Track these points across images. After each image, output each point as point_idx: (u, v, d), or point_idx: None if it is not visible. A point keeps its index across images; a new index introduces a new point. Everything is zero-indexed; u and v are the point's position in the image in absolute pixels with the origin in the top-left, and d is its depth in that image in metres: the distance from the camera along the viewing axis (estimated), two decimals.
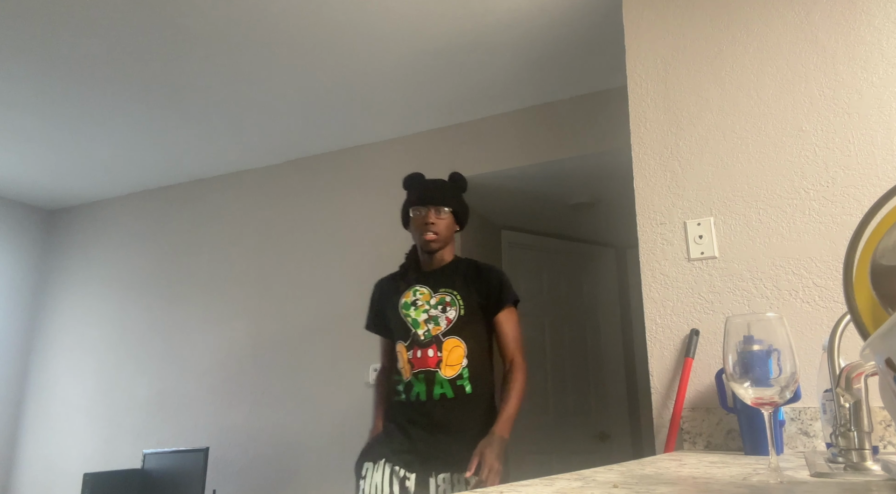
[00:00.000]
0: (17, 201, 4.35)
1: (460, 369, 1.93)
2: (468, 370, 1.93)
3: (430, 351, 1.93)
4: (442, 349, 1.93)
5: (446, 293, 2.00)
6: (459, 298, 1.98)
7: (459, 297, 1.98)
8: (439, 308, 1.98)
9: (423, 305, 2.00)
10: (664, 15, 2.01)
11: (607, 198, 3.59)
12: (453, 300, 1.98)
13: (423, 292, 2.02)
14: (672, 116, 1.93)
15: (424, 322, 1.97)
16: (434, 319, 1.97)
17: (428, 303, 1.99)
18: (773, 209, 1.73)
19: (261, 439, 3.32)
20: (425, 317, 1.98)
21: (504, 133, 3.18)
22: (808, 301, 1.64)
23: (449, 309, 1.97)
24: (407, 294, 2.03)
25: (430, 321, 1.97)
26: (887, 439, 1.43)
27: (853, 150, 1.68)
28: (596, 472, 0.94)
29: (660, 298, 1.81)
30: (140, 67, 2.77)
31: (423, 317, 1.98)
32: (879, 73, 1.70)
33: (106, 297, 4.11)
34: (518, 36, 2.58)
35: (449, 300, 1.99)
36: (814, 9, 1.81)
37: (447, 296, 2.00)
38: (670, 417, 1.69)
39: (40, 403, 4.13)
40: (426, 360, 1.93)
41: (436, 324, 1.96)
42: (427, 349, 1.94)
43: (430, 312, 1.98)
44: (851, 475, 0.88)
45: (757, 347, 0.74)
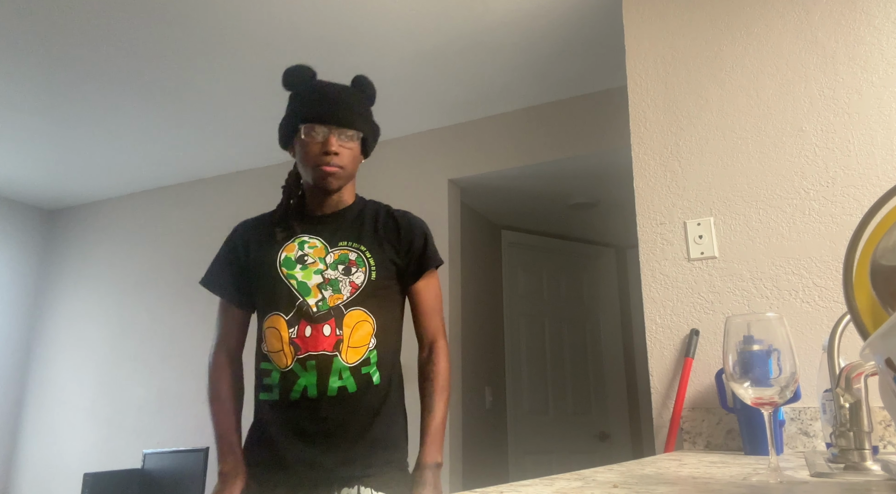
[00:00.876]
0: (17, 201, 4.35)
1: (366, 352, 1.39)
2: (376, 354, 1.40)
3: (325, 328, 1.37)
4: (342, 324, 1.38)
5: (350, 249, 1.44)
6: (368, 255, 1.44)
7: (368, 254, 1.44)
8: (340, 269, 1.42)
9: (316, 263, 1.42)
10: (664, 15, 2.01)
11: (607, 198, 3.59)
12: (360, 259, 1.43)
13: (314, 244, 1.44)
14: (672, 116, 1.93)
15: (317, 288, 1.39)
16: (333, 283, 1.40)
17: (322, 261, 1.43)
18: (773, 209, 1.73)
19: None
20: (319, 280, 1.40)
21: (504, 133, 3.18)
22: (808, 301, 1.64)
23: (354, 271, 1.42)
24: (289, 247, 1.44)
25: (325, 287, 1.40)
26: (887, 439, 1.43)
27: (853, 150, 1.68)
28: (596, 472, 0.94)
29: (660, 298, 1.81)
30: (140, 68, 2.76)
31: (315, 280, 1.40)
32: (879, 73, 1.70)
33: (106, 297, 4.11)
34: (518, 36, 2.58)
35: (354, 258, 1.43)
36: (814, 9, 1.81)
37: (351, 253, 1.44)
38: (670, 417, 1.69)
39: (40, 403, 4.13)
40: (318, 340, 1.36)
41: (335, 291, 1.39)
42: (321, 326, 1.37)
43: (325, 274, 1.41)
44: (851, 475, 0.88)
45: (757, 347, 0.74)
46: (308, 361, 1.35)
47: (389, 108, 3.14)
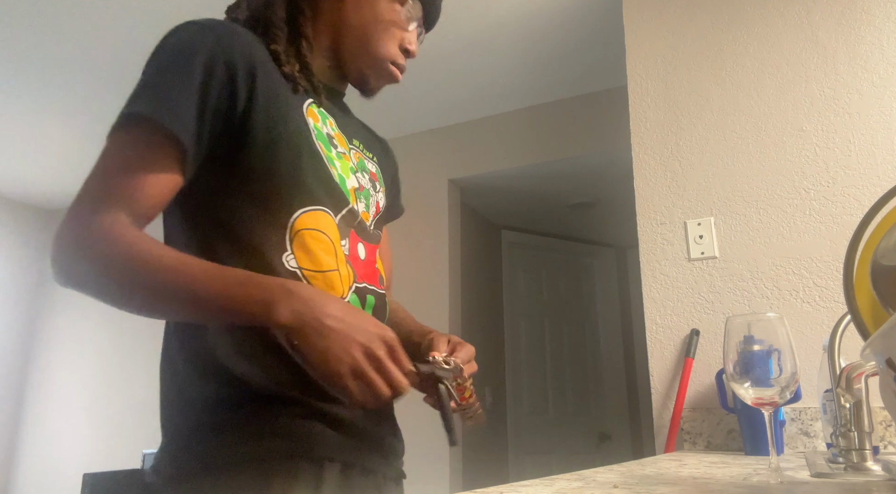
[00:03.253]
0: (17, 201, 4.35)
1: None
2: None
3: (375, 253, 0.98)
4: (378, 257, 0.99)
5: (365, 155, 1.05)
6: (381, 175, 1.08)
7: (381, 174, 1.08)
8: (367, 177, 1.01)
9: (346, 156, 0.97)
10: (664, 15, 2.01)
11: (607, 198, 3.59)
12: (378, 174, 1.07)
13: (333, 125, 0.98)
14: (672, 116, 1.93)
15: (355, 193, 0.95)
16: (366, 194, 0.98)
17: (350, 157, 0.99)
18: (773, 209, 1.73)
19: None
20: (354, 183, 0.96)
21: (504, 133, 3.18)
22: (809, 301, 1.64)
23: (377, 187, 1.04)
24: (312, 112, 0.93)
25: (360, 195, 0.97)
26: (888, 439, 1.43)
27: (853, 150, 1.68)
28: (596, 472, 0.94)
29: (660, 298, 1.81)
30: (140, 68, 2.76)
31: (352, 182, 0.95)
32: (880, 72, 1.70)
33: None
34: (518, 36, 2.57)
35: (374, 171, 1.05)
36: (814, 8, 1.81)
37: (369, 162, 1.05)
38: (670, 417, 1.69)
39: (40, 403, 4.13)
40: (372, 270, 0.95)
41: (366, 207, 0.98)
42: (375, 248, 0.98)
43: (358, 176, 0.98)
44: (852, 475, 0.88)
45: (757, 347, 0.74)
46: (367, 295, 0.91)
47: (389, 108, 3.14)
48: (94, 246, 0.76)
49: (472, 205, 3.57)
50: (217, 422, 0.78)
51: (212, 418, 0.78)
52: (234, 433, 0.77)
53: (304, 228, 0.85)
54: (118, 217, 0.78)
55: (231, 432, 0.77)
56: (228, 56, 0.84)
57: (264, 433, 0.77)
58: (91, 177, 0.81)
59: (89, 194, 0.79)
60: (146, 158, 0.81)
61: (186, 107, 0.81)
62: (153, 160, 0.81)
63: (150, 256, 0.76)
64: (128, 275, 0.76)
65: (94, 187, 0.80)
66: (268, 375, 0.78)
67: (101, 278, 0.77)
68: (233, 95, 0.83)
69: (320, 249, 0.85)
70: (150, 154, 0.81)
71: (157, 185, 0.81)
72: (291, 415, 0.78)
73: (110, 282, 0.78)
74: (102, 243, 0.76)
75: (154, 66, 0.85)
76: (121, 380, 3.88)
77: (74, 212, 0.78)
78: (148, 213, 0.81)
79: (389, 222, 1.15)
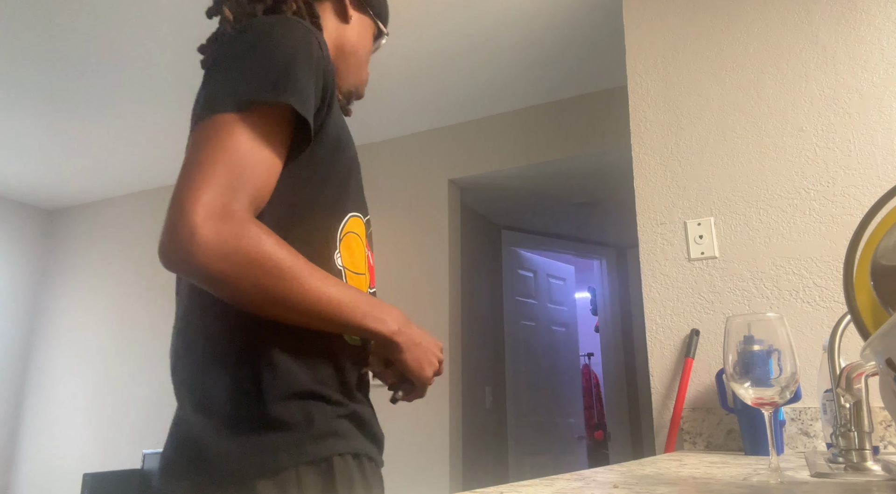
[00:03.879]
0: (17, 201, 4.35)
1: None
2: None
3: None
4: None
5: None
6: None
7: None
8: None
9: None
10: (664, 15, 2.01)
11: (607, 198, 3.59)
12: None
13: None
14: (672, 116, 1.93)
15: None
16: None
17: None
18: (773, 209, 1.73)
19: None
20: None
21: (504, 133, 3.18)
22: (809, 301, 1.64)
23: None
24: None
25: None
26: (888, 439, 1.43)
27: (853, 150, 1.68)
28: (596, 472, 0.94)
29: (660, 298, 1.81)
30: (140, 67, 2.76)
31: None
32: (880, 73, 1.70)
33: (106, 297, 4.11)
34: (518, 36, 2.57)
35: None
36: (814, 8, 1.81)
37: None
38: (670, 417, 1.69)
39: (40, 403, 4.13)
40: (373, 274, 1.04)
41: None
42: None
43: None
44: (852, 475, 0.88)
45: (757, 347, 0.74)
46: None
47: (390, 108, 3.14)
48: (241, 246, 0.73)
49: (472, 205, 3.57)
50: (278, 418, 0.77)
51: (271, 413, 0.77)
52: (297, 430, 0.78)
53: (350, 231, 0.93)
54: (250, 210, 0.77)
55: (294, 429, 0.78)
56: (327, 62, 0.88)
57: (323, 432, 0.80)
58: (215, 156, 0.76)
59: (219, 177, 0.75)
60: (278, 150, 0.82)
61: (311, 103, 0.83)
62: (281, 153, 0.83)
63: (299, 268, 0.77)
64: (277, 284, 0.76)
65: (225, 171, 0.76)
66: (315, 374, 0.82)
67: (244, 280, 0.74)
68: (324, 96, 0.87)
69: (358, 253, 0.94)
70: (281, 147, 0.82)
71: (276, 177, 0.82)
72: (335, 414, 0.82)
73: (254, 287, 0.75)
74: (252, 244, 0.74)
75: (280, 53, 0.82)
76: (121, 380, 3.88)
77: (205, 197, 0.73)
78: (263, 205, 0.81)
79: None
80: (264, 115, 0.80)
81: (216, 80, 0.83)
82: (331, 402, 0.82)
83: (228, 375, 0.79)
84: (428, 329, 3.09)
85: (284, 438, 0.77)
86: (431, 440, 2.93)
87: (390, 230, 3.27)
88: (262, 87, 0.79)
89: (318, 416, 0.80)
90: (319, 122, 0.86)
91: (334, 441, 0.80)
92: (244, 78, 0.81)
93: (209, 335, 0.82)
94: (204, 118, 0.79)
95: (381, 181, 3.40)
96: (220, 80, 0.82)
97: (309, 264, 0.79)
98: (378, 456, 0.88)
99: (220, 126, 0.78)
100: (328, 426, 0.80)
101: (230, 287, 0.75)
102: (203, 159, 0.76)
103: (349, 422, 0.83)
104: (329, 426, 0.80)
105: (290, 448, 0.77)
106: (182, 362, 0.84)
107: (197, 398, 0.80)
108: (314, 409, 0.80)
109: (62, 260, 4.37)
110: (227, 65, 0.83)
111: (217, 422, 0.77)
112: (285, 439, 0.77)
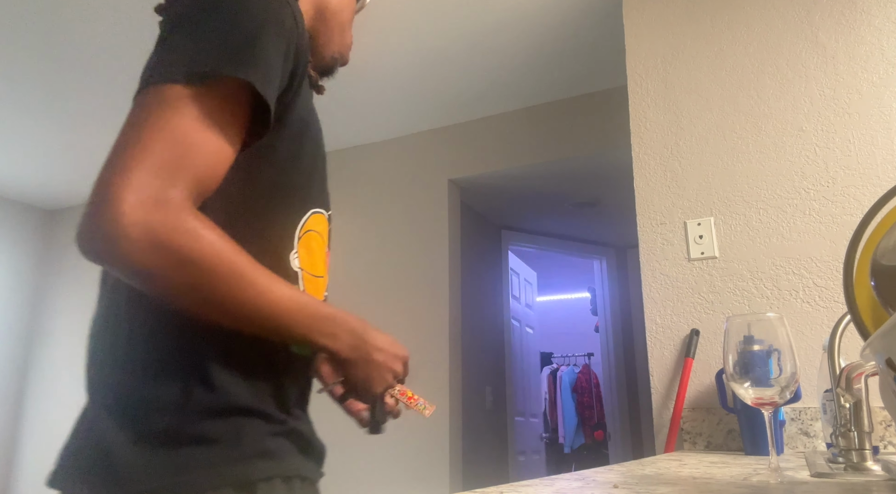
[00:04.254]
0: (17, 201, 4.35)
1: None
2: None
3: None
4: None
5: None
6: None
7: None
8: None
9: None
10: (664, 15, 2.01)
11: (607, 198, 3.59)
12: None
13: None
14: (672, 116, 1.93)
15: None
16: None
17: None
18: (773, 209, 1.73)
19: None
20: None
21: (504, 133, 3.18)
22: (809, 301, 1.64)
23: None
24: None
25: None
26: (887, 439, 1.43)
27: (853, 150, 1.68)
28: (596, 472, 0.94)
29: (660, 298, 1.81)
30: (140, 67, 2.76)
31: None
32: (880, 73, 1.70)
33: None
34: (518, 36, 2.57)
35: None
36: (814, 9, 1.81)
37: None
38: (670, 417, 1.69)
39: (40, 403, 4.13)
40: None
41: None
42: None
43: None
44: (852, 475, 0.88)
45: (757, 347, 0.74)
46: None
47: (390, 108, 3.14)
48: (174, 238, 0.64)
49: (472, 205, 3.57)
50: (203, 434, 0.69)
51: (195, 429, 0.69)
52: (222, 449, 0.69)
53: (311, 229, 0.83)
54: (189, 199, 0.67)
55: (219, 447, 0.69)
56: (300, 37, 0.76)
57: (252, 453, 0.71)
58: (154, 134, 0.66)
59: (156, 158, 0.65)
60: (231, 132, 0.71)
61: (276, 83, 0.72)
62: (235, 136, 0.71)
63: (242, 270, 0.68)
64: (215, 286, 0.67)
65: (164, 152, 0.65)
66: (253, 388, 0.73)
67: (175, 278, 0.65)
68: (293, 78, 0.76)
69: (318, 252, 0.84)
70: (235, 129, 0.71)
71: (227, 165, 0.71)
72: (270, 433, 0.74)
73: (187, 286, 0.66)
74: (187, 237, 0.64)
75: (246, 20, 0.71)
76: None
77: (136, 180, 0.63)
78: (207, 194, 0.71)
79: None
80: (219, 91, 0.69)
81: (168, 45, 0.72)
82: (269, 420, 0.74)
83: (153, 381, 0.70)
84: (427, 330, 3.10)
85: (207, 456, 0.68)
86: (431, 440, 2.93)
87: (390, 230, 3.27)
88: (220, 58, 0.69)
89: (250, 434, 0.71)
90: (285, 105, 0.76)
91: (263, 463, 0.71)
92: (200, 45, 0.70)
93: (133, 335, 0.72)
94: (147, 87, 0.69)
95: (381, 181, 3.40)
96: (173, 45, 0.72)
97: (255, 265, 0.70)
98: (315, 473, 0.81)
99: (164, 99, 0.67)
100: (259, 445, 0.72)
101: (159, 285, 0.66)
102: (139, 136, 0.66)
103: (286, 441, 0.75)
104: (260, 445, 0.72)
105: (211, 469, 0.67)
106: (99, 361, 0.75)
107: (111, 402, 0.71)
108: (247, 426, 0.71)
109: (62, 260, 4.37)
110: (184, 28, 0.72)
111: (132, 433, 0.68)
112: (207, 457, 0.68)
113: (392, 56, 2.70)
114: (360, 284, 3.24)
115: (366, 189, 3.45)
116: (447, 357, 2.99)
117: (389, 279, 3.21)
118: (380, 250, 3.27)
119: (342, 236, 3.43)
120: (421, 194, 3.26)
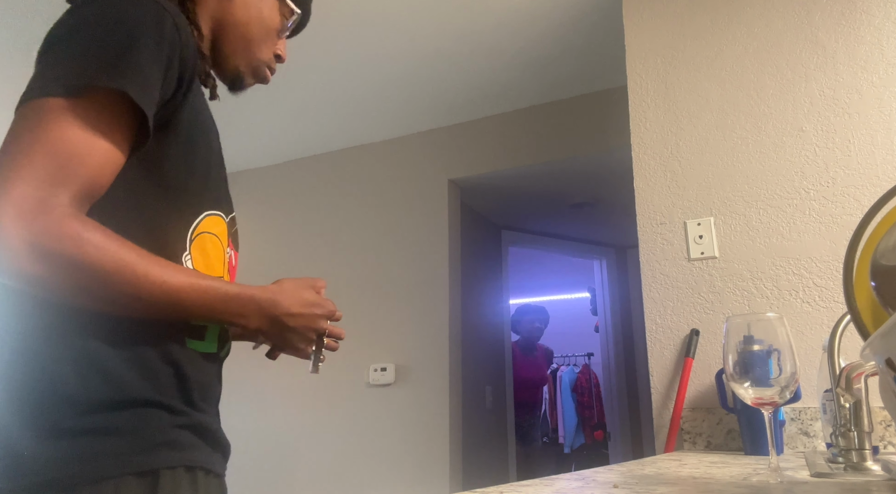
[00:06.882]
0: None
1: None
2: None
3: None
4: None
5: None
6: None
7: None
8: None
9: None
10: (664, 15, 2.01)
11: (607, 198, 3.59)
12: None
13: None
14: (672, 115, 1.93)
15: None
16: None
17: None
18: (773, 209, 1.73)
19: (258, 439, 3.32)
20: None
21: (504, 133, 3.18)
22: (809, 301, 1.64)
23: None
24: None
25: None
26: (887, 439, 1.43)
27: (853, 150, 1.68)
28: (596, 472, 0.94)
29: (660, 298, 1.81)
30: None
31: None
32: (880, 73, 1.70)
33: None
34: (518, 36, 2.57)
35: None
36: (814, 9, 1.81)
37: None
38: (670, 417, 1.69)
39: None
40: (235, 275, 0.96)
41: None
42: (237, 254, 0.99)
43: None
44: (851, 475, 0.88)
45: (757, 347, 0.74)
46: None
47: (390, 108, 3.14)
48: (57, 246, 0.67)
49: (472, 205, 3.57)
50: (105, 425, 0.71)
51: (98, 420, 0.71)
52: (125, 439, 0.72)
53: (205, 231, 0.86)
54: (74, 205, 0.69)
55: (122, 437, 0.72)
56: (184, 45, 0.79)
57: (155, 442, 0.74)
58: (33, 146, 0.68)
59: (36, 169, 0.67)
60: (116, 139, 0.73)
61: (154, 92, 0.75)
62: (120, 143, 0.74)
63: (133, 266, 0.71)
64: (106, 285, 0.70)
65: (45, 162, 0.68)
66: (154, 382, 0.76)
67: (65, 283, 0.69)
68: (179, 84, 0.79)
69: (214, 254, 0.87)
70: (120, 136, 0.74)
71: (114, 170, 0.74)
72: (174, 424, 0.76)
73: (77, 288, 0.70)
74: (70, 243, 0.67)
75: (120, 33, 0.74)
76: None
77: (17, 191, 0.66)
78: (95, 199, 0.74)
79: None
80: (97, 101, 0.71)
81: (46, 60, 0.74)
82: (172, 411, 0.76)
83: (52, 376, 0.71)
84: (427, 330, 3.09)
85: (110, 446, 0.70)
86: (431, 440, 2.93)
87: (390, 230, 3.26)
88: (97, 69, 0.71)
89: (153, 425, 0.74)
90: (171, 110, 0.79)
91: (166, 452, 0.74)
92: (77, 59, 0.72)
93: (30, 331, 0.73)
94: (28, 102, 0.71)
95: (381, 181, 3.40)
96: (51, 60, 0.74)
97: (148, 257, 0.73)
98: (220, 467, 0.83)
99: (44, 111, 0.69)
100: (162, 435, 0.74)
101: (49, 290, 0.69)
102: (19, 149, 0.68)
103: (190, 433, 0.78)
104: (163, 435, 0.75)
105: (116, 457, 0.70)
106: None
107: (12, 396, 0.71)
108: (150, 417, 0.74)
109: None
110: (62, 43, 0.74)
111: (34, 426, 0.70)
112: (110, 447, 0.70)
113: (392, 56, 2.70)
114: (361, 284, 3.24)
115: (366, 189, 3.45)
116: (447, 357, 2.99)
117: (389, 279, 3.21)
118: (380, 250, 3.27)
119: (342, 236, 3.44)
120: (421, 194, 3.26)
